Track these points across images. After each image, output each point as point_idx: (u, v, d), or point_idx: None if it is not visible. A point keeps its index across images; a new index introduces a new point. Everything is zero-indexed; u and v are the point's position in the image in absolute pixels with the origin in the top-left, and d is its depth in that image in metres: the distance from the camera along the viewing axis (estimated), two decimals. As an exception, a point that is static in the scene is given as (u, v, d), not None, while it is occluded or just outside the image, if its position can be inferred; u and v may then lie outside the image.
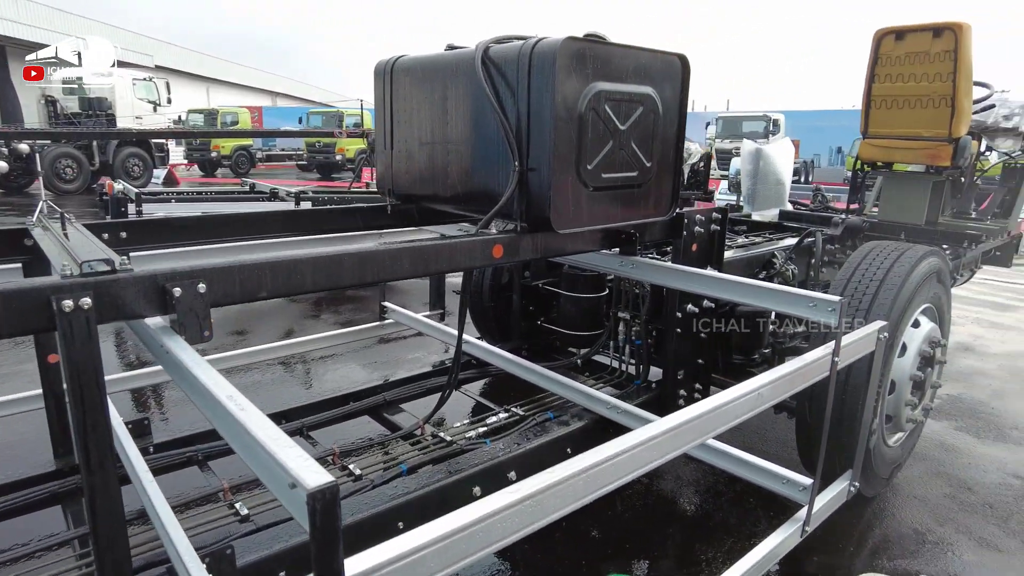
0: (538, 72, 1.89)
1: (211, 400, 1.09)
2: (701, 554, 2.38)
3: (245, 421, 0.96)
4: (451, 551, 0.94)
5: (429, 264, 1.85)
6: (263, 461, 0.89)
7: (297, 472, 0.81)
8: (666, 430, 1.34)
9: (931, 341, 2.67)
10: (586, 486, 1.15)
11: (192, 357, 1.25)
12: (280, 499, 0.85)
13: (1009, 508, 2.73)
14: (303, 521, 0.79)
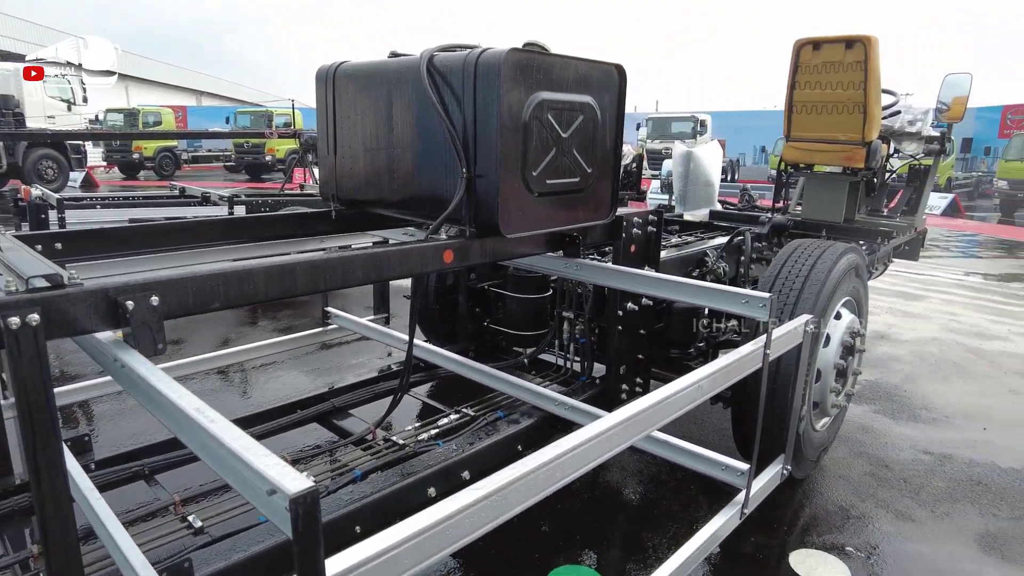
0: (483, 82, 1.94)
1: (177, 413, 1.09)
2: (647, 541, 2.49)
3: (217, 432, 0.98)
4: (424, 547, 0.98)
5: (382, 271, 1.88)
6: (238, 471, 0.91)
7: (276, 479, 0.84)
8: (618, 423, 1.43)
9: (852, 331, 2.88)
10: (547, 479, 1.22)
11: (152, 370, 1.25)
12: (258, 506, 0.88)
13: (920, 482, 2.98)
14: (284, 526, 0.82)
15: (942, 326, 5.63)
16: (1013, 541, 2.56)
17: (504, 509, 1.13)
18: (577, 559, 2.37)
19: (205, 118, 34.16)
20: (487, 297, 3.48)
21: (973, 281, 7.98)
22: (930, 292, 7.03)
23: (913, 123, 4.29)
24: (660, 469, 3.05)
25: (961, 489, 2.93)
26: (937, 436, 3.46)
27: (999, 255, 10.56)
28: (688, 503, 2.75)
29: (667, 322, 2.98)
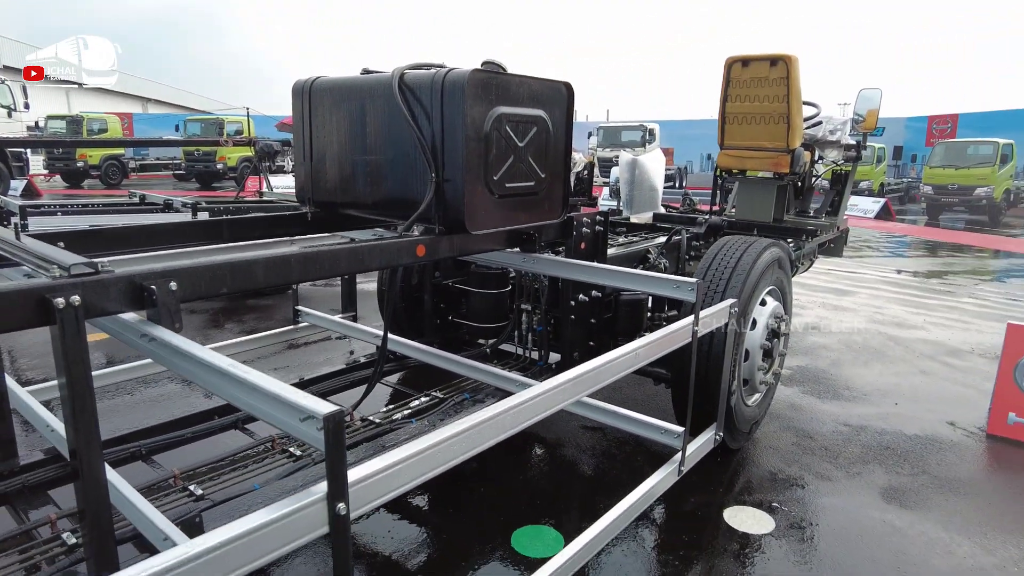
0: (450, 98, 2.23)
1: (214, 369, 1.34)
2: (600, 503, 2.78)
3: (252, 379, 1.23)
4: (419, 466, 1.26)
5: (364, 262, 2.15)
6: (273, 406, 1.17)
7: (309, 406, 1.10)
8: (571, 378, 1.73)
9: (776, 316, 3.26)
10: (513, 420, 1.51)
11: (182, 340, 1.48)
12: (294, 432, 1.13)
13: (838, 449, 3.37)
14: (318, 443, 1.08)
15: (867, 318, 6.14)
16: (910, 492, 2.96)
17: (481, 441, 1.41)
18: (537, 521, 2.66)
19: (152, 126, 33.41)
20: (451, 293, 3.75)
21: (898, 278, 8.62)
22: (859, 288, 7.60)
23: (833, 132, 4.75)
24: (610, 444, 3.36)
25: (872, 454, 3.34)
26: (855, 411, 3.88)
27: (923, 254, 11.35)
28: (636, 472, 3.07)
29: (615, 312, 3.30)
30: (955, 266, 10.09)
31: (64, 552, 1.85)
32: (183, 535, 1.70)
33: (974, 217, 17.07)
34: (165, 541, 1.71)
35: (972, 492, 3.01)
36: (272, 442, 2.48)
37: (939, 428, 3.66)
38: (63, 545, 1.87)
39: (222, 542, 1.04)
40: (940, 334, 5.62)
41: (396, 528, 2.60)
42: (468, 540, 2.54)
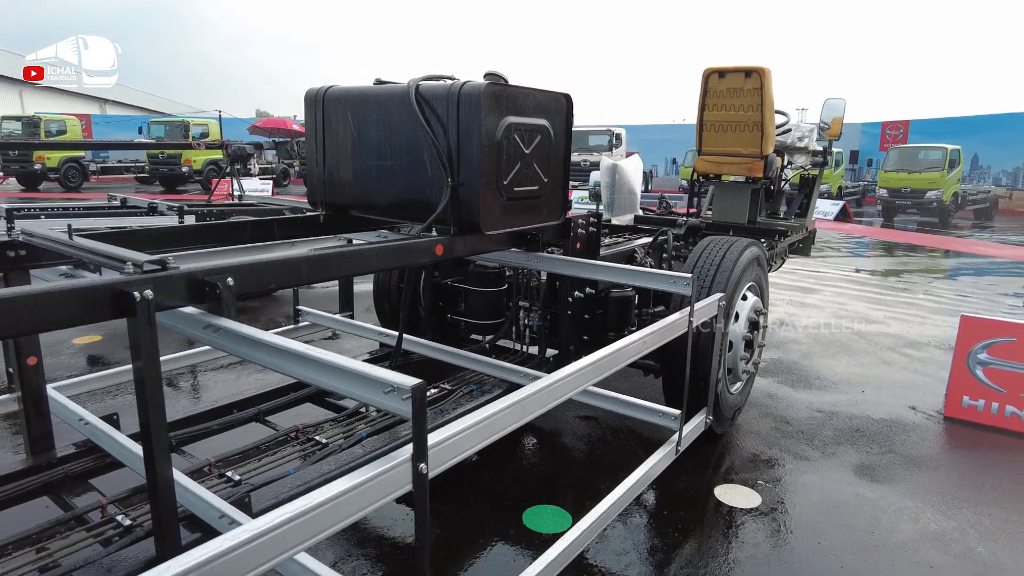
0: (465, 108, 2.41)
1: (288, 353, 1.50)
2: (600, 484, 3.00)
3: (332, 359, 1.39)
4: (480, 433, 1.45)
5: (391, 260, 2.32)
6: (359, 381, 1.34)
7: (394, 379, 1.27)
8: (592, 362, 1.93)
9: (756, 310, 3.51)
10: (550, 396, 1.70)
11: (249, 328, 1.64)
12: (380, 404, 1.30)
13: (814, 432, 3.65)
14: (405, 411, 1.26)
15: (832, 314, 6.50)
16: (880, 468, 3.24)
17: (525, 414, 1.61)
18: (544, 501, 2.85)
19: (112, 127, 32.62)
20: (449, 292, 3.92)
21: (859, 277, 9.06)
22: (823, 286, 7.99)
23: (802, 139, 5.07)
24: (604, 432, 3.58)
25: (844, 436, 3.62)
26: (827, 399, 4.17)
27: (880, 254, 11.91)
28: (631, 455, 3.29)
29: (606, 309, 3.52)
30: (910, 265, 10.63)
31: (120, 533, 1.97)
32: (239, 512, 1.85)
33: (925, 219, 17.87)
34: (221, 519, 1.85)
35: (933, 467, 3.31)
36: (296, 431, 2.62)
37: (902, 412, 3.98)
38: (118, 527, 1.99)
39: (322, 501, 1.20)
40: (899, 328, 6.00)
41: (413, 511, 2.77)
42: (483, 519, 2.72)
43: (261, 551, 1.11)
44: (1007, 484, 3.16)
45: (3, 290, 1.51)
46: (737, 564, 2.46)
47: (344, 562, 2.44)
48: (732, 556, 2.51)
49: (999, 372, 3.78)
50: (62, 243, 2.01)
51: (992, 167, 22.79)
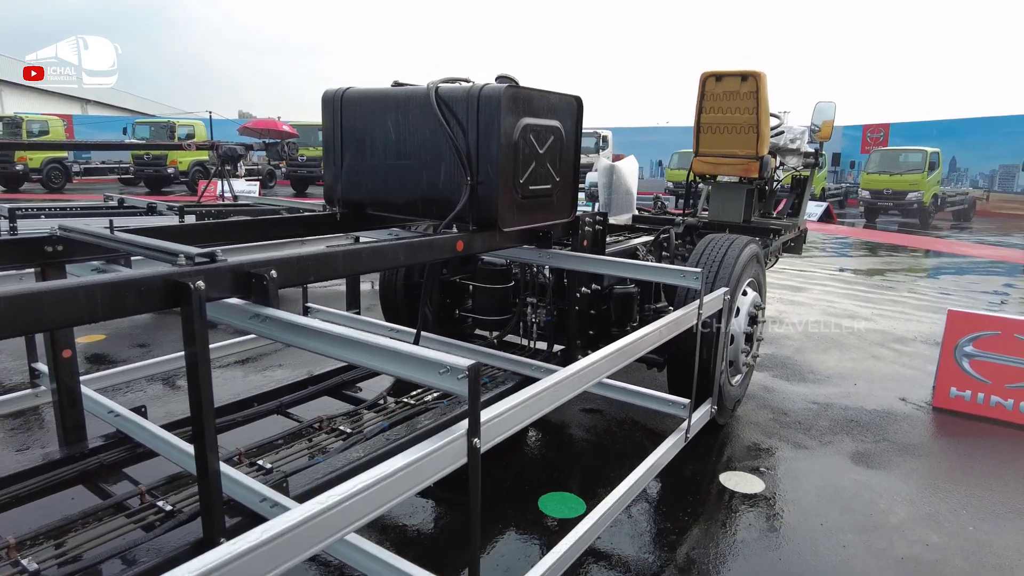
0: (485, 110, 2.51)
1: (338, 339, 1.59)
2: (609, 472, 3.12)
3: (386, 344, 1.49)
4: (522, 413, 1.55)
5: (416, 255, 2.41)
6: (414, 363, 1.44)
7: (449, 360, 1.37)
8: (616, 350, 2.04)
9: (755, 305, 3.65)
10: (580, 381, 1.82)
11: (297, 317, 1.73)
12: (436, 384, 1.40)
13: (810, 423, 3.79)
14: (462, 390, 1.35)
15: (822, 311, 6.68)
16: (874, 455, 3.39)
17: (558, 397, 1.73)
18: (558, 488, 2.96)
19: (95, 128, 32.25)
20: (457, 289, 4.01)
21: (845, 275, 9.28)
22: (811, 285, 8.19)
23: (794, 141, 5.23)
24: (610, 424, 3.70)
25: (839, 426, 3.76)
26: (821, 392, 4.32)
27: (864, 254, 12.17)
28: (637, 445, 3.41)
29: (609, 305, 3.64)
30: (893, 264, 10.88)
31: (162, 518, 2.04)
32: (281, 495, 1.93)
33: (906, 220, 18.25)
34: (263, 502, 1.93)
35: (924, 454, 3.47)
36: (320, 422, 2.70)
37: (893, 403, 4.14)
38: (159, 512, 2.06)
39: (383, 476, 1.29)
40: (886, 324, 6.19)
41: (435, 498, 2.86)
42: (501, 506, 2.82)
43: (327, 524, 1.19)
44: (993, 469, 3.32)
45: (65, 281, 1.59)
46: (745, 544, 2.58)
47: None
48: (740, 537, 2.64)
49: (984, 364, 3.95)
50: (105, 238, 2.08)
51: (970, 169, 23.31)
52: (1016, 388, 3.86)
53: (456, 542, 2.59)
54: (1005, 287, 8.85)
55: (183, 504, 2.10)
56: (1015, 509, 2.92)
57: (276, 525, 1.12)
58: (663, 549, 2.57)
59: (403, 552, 2.48)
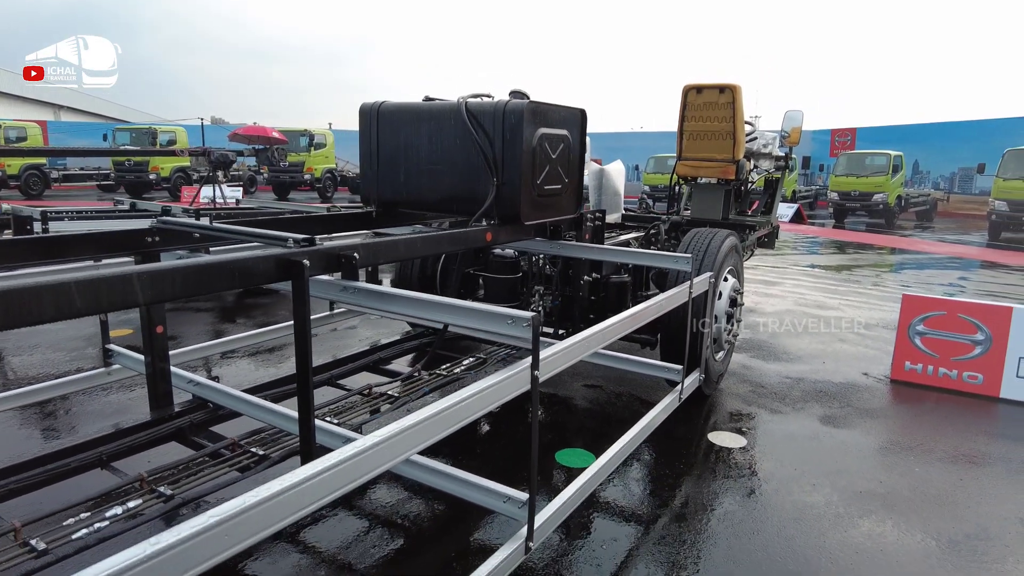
0: (510, 121, 2.98)
1: (421, 303, 2.04)
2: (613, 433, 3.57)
3: (460, 304, 1.95)
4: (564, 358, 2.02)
5: (456, 244, 2.88)
6: (488, 317, 1.89)
7: (513, 314, 1.83)
8: (624, 318, 2.52)
9: (735, 290, 4.17)
10: (602, 338, 2.29)
11: (382, 287, 2.17)
12: (505, 332, 1.85)
13: (784, 393, 4.32)
14: (526, 336, 1.81)
15: (794, 301, 7.26)
16: (840, 419, 3.92)
17: (588, 348, 2.19)
18: (569, 446, 3.43)
19: (70, 134, 32.00)
20: (470, 279, 4.47)
21: (815, 271, 9.91)
22: (784, 279, 8.79)
23: (766, 146, 5.78)
24: (609, 396, 4.18)
25: (810, 396, 4.30)
26: (794, 368, 4.86)
27: (833, 252, 12.87)
28: (635, 412, 3.87)
29: (607, 292, 4.12)
30: (860, 261, 11.57)
31: (256, 460, 2.47)
32: (360, 435, 2.37)
33: (873, 220, 19.11)
34: (345, 442, 2.37)
35: (882, 416, 4.01)
36: (368, 389, 3.14)
37: (857, 377, 4.69)
38: (253, 456, 2.49)
39: (459, 400, 1.75)
40: (852, 313, 6.78)
41: (466, 453, 3.31)
42: (523, 458, 3.28)
43: (411, 439, 1.63)
44: (939, 427, 3.87)
45: (211, 257, 2.02)
46: (733, 487, 3.08)
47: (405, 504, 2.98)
48: (727, 480, 3.13)
49: (933, 340, 4.52)
50: (206, 228, 2.51)
51: (931, 172, 24.37)
52: (960, 360, 4.43)
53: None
54: (960, 280, 9.56)
55: (272, 451, 2.53)
56: (953, 456, 3.47)
57: (376, 436, 1.56)
58: (664, 489, 3.05)
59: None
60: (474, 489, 2.11)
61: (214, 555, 1.17)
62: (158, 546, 1.07)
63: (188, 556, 1.12)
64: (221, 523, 1.18)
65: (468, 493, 2.14)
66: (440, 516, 2.83)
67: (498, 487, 2.05)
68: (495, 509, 2.08)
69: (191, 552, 1.12)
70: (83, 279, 1.50)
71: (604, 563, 2.48)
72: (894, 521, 2.80)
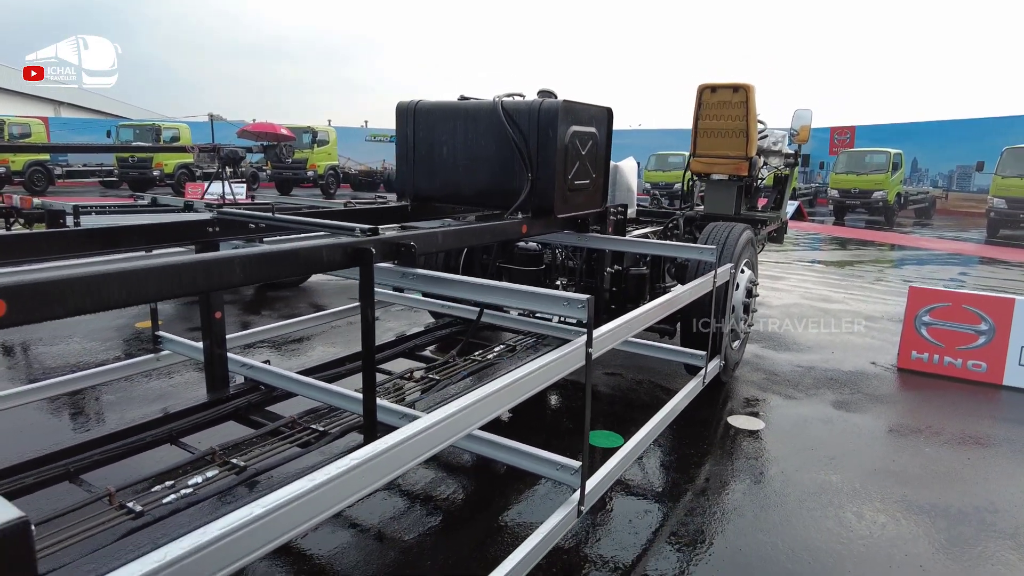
0: (545, 119, 3.15)
1: (476, 286, 2.22)
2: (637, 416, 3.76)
3: (514, 287, 2.12)
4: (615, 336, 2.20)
5: (496, 235, 3.05)
6: (546, 299, 2.07)
7: (570, 296, 2.01)
8: (659, 303, 2.70)
9: (751, 281, 4.35)
10: (643, 320, 2.46)
11: (443, 273, 2.35)
12: (562, 312, 2.03)
13: (797, 380, 4.51)
14: (583, 315, 1.99)
15: (800, 295, 7.45)
16: (851, 403, 4.11)
17: (631, 330, 2.36)
18: (598, 428, 3.61)
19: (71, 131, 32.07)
20: (496, 271, 4.64)
21: (819, 267, 10.11)
22: (789, 274, 8.98)
23: (776, 144, 5.97)
24: (630, 383, 4.37)
25: (822, 383, 4.48)
26: (804, 358, 5.05)
27: (835, 248, 13.07)
28: (655, 398, 4.08)
29: (626, 284, 4.30)
30: (862, 257, 11.78)
31: (316, 436, 2.64)
32: (416, 411, 2.54)
33: (873, 217, 19.33)
34: (402, 418, 2.55)
35: (891, 401, 4.20)
36: (410, 372, 3.31)
37: (865, 366, 4.88)
38: (312, 432, 2.66)
39: (529, 372, 1.92)
40: (857, 306, 6.98)
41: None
42: (557, 438, 3.46)
43: (475, 413, 1.78)
44: (944, 411, 4.07)
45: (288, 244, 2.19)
46: (754, 465, 3.26)
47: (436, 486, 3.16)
48: (747, 458, 3.32)
49: (939, 330, 4.71)
50: (269, 219, 2.68)
51: (930, 170, 24.60)
52: (964, 350, 4.63)
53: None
54: (960, 275, 9.77)
55: (330, 427, 2.70)
56: (960, 438, 3.66)
57: (440, 413, 1.72)
58: (690, 467, 3.24)
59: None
60: (529, 459, 2.29)
61: (317, 514, 1.31)
62: (268, 506, 1.19)
63: (292, 517, 1.24)
64: (326, 483, 1.31)
65: (522, 462, 2.31)
66: (474, 496, 3.01)
67: (553, 456, 2.23)
68: (550, 476, 2.26)
69: (295, 512, 1.25)
70: (191, 262, 1.68)
71: (640, 532, 2.67)
72: (908, 495, 2.98)
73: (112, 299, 1.58)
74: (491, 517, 2.80)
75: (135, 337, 5.41)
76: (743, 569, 2.44)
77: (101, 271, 1.55)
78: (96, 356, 4.80)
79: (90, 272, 1.54)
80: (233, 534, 1.12)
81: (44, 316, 1.49)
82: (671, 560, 2.50)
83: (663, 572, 2.43)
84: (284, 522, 1.25)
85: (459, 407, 1.75)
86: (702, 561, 2.49)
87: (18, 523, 0.76)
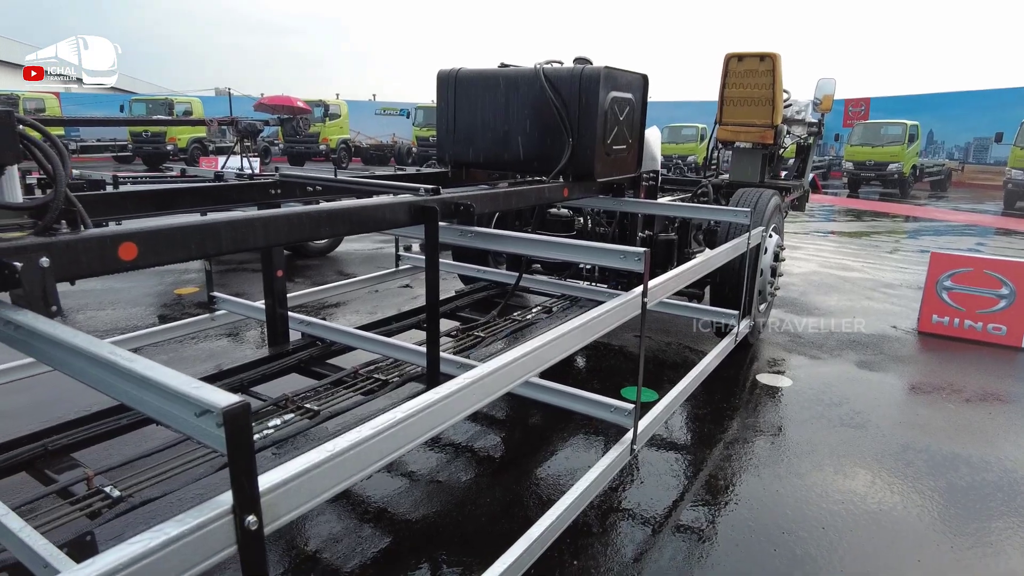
0: (587, 86, 3.26)
1: (540, 243, 2.36)
2: (668, 374, 3.94)
3: (573, 242, 2.27)
4: (664, 289, 2.35)
5: (541, 198, 3.19)
6: (603, 254, 2.21)
7: (630, 250, 2.15)
8: (699, 262, 2.84)
9: (779, 245, 4.47)
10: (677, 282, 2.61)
11: (499, 231, 2.49)
12: (622, 265, 2.18)
13: (821, 342, 4.65)
14: (640, 268, 2.13)
15: (819, 264, 7.56)
16: (874, 363, 4.26)
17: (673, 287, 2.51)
18: (632, 384, 3.78)
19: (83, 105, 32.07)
20: (528, 238, 4.77)
21: (835, 237, 10.19)
22: (807, 244, 9.08)
23: (799, 113, 6.02)
24: (659, 344, 4.52)
25: (845, 344, 4.63)
26: (826, 322, 5.19)
27: (850, 219, 13.11)
28: (684, 357, 4.24)
29: (655, 249, 4.42)
30: (877, 228, 11.82)
31: (379, 385, 2.81)
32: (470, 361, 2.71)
33: (887, 190, 19.26)
34: (459, 368, 2.71)
35: (912, 362, 4.35)
36: (457, 330, 3.47)
37: (887, 329, 5.02)
38: (376, 381, 2.84)
39: (589, 320, 2.07)
40: (875, 274, 7.08)
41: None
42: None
43: (534, 360, 1.91)
44: (965, 372, 4.21)
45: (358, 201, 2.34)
46: (784, 416, 3.43)
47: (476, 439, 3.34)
48: (779, 413, 3.48)
49: (960, 295, 4.83)
50: (330, 180, 2.82)
51: (946, 142, 24.38)
52: (984, 313, 4.75)
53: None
54: (977, 245, 9.83)
55: (391, 376, 2.88)
56: (981, 395, 3.81)
57: (504, 359, 1.88)
58: (724, 419, 3.41)
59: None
60: (585, 403, 2.46)
61: (400, 447, 1.36)
62: (357, 437, 1.22)
63: (378, 448, 1.29)
64: (405, 419, 1.37)
65: (577, 406, 2.48)
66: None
67: (608, 400, 2.40)
68: (604, 418, 2.42)
69: (381, 444, 1.30)
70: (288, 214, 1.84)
71: (682, 474, 2.84)
72: (932, 445, 3.14)
73: (224, 246, 1.74)
74: (537, 463, 2.98)
75: (175, 302, 5.60)
76: (781, 506, 2.61)
77: (214, 220, 1.71)
78: (144, 320, 4.99)
79: (206, 221, 1.70)
80: (346, 453, 1.19)
81: (168, 260, 1.65)
82: (710, 498, 2.68)
83: (700, 512, 2.61)
84: (384, 446, 1.31)
85: (522, 352, 1.87)
86: (742, 500, 2.66)
87: (241, 404, 0.92)
